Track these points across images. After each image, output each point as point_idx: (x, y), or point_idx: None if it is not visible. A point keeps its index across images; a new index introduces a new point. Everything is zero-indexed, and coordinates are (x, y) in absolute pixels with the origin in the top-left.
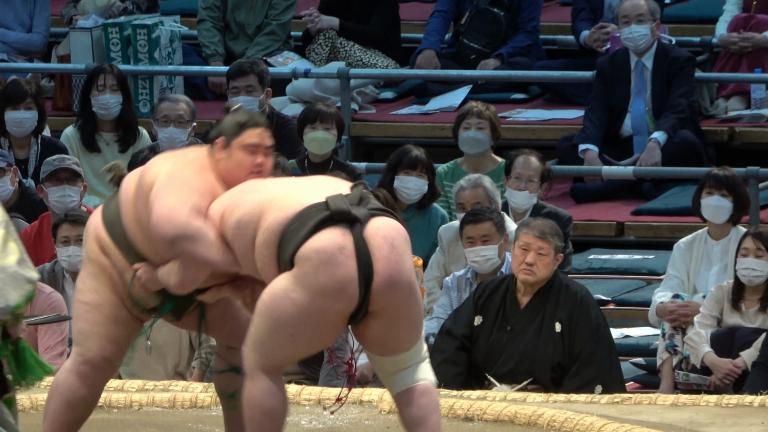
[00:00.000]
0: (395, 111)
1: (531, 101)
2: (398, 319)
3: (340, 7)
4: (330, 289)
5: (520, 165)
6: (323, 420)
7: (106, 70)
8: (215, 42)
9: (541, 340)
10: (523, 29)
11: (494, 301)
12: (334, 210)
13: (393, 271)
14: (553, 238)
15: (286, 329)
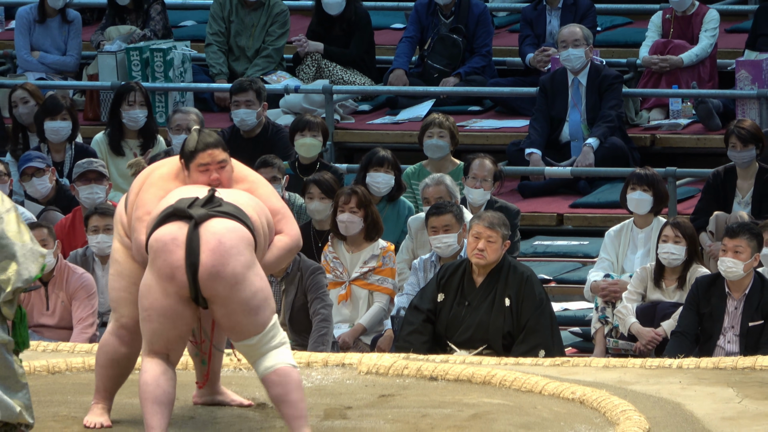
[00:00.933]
0: (371, 120)
1: (485, 113)
2: (230, 306)
3: (323, 34)
4: (163, 273)
5: (476, 167)
6: (311, 380)
7: (134, 88)
8: (220, 63)
9: (494, 313)
10: (478, 52)
11: (454, 281)
12: (175, 208)
13: (216, 263)
14: (500, 227)
15: (144, 312)
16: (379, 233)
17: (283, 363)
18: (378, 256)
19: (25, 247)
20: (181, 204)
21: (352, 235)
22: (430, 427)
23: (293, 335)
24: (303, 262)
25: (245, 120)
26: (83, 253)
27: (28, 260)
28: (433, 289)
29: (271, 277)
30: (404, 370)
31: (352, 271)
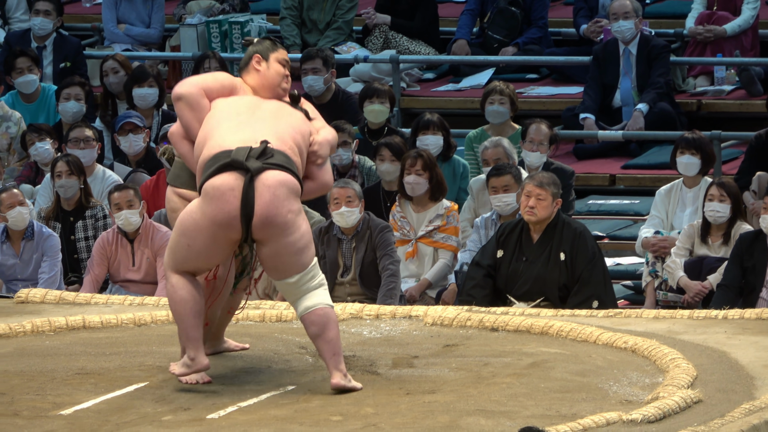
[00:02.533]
0: (435, 88)
1: (541, 80)
2: (278, 247)
3: (390, 7)
4: (218, 219)
5: (533, 131)
6: (380, 331)
7: (210, 56)
8: (294, 35)
9: (550, 267)
10: (534, 24)
11: (512, 238)
12: (233, 159)
13: (269, 214)
14: (549, 186)
15: (186, 239)
16: (443, 193)
17: (322, 303)
18: (442, 215)
19: None
20: (238, 155)
21: (418, 195)
22: (492, 375)
23: (363, 289)
24: (372, 220)
25: (313, 86)
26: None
27: None
28: (493, 246)
29: (342, 234)
30: (467, 321)
31: (418, 229)
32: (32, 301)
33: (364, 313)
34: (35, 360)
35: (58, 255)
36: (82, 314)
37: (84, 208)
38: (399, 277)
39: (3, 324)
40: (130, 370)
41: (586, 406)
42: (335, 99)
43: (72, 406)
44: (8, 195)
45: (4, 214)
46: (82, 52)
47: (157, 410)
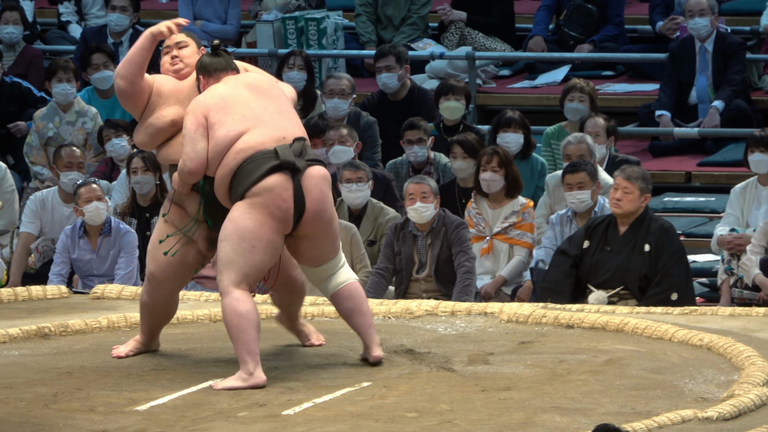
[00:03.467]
0: (511, 85)
1: (617, 77)
2: (321, 239)
3: (466, 3)
4: (277, 216)
5: (590, 125)
6: (456, 328)
7: (296, 53)
8: (369, 31)
9: (633, 257)
10: (611, 21)
11: (599, 230)
12: (283, 161)
13: (318, 209)
14: (637, 180)
15: (248, 243)
16: (519, 190)
17: (352, 278)
18: (518, 212)
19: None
20: (286, 156)
21: (493, 192)
22: (567, 372)
23: (439, 286)
24: (447, 217)
25: (387, 83)
26: None
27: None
28: (581, 237)
29: (417, 231)
30: (542, 318)
31: (493, 226)
32: (108, 296)
33: (439, 309)
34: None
35: (135, 251)
36: None
37: (160, 204)
38: (474, 274)
39: (79, 320)
40: (205, 365)
41: (662, 403)
42: (411, 96)
43: (148, 402)
44: (86, 189)
45: (82, 209)
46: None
47: (232, 406)
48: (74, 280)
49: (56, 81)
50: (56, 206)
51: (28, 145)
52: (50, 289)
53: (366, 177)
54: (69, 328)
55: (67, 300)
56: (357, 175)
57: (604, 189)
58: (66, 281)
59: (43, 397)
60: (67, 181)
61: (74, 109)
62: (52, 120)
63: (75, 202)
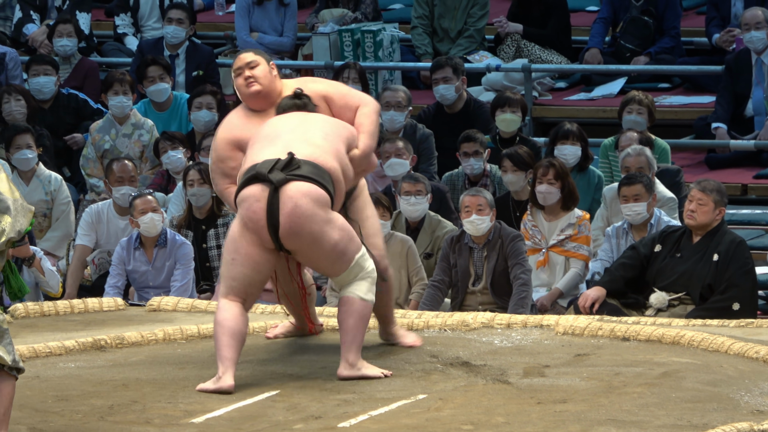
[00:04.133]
0: (567, 97)
1: (673, 89)
2: (311, 256)
3: (522, 15)
4: (250, 227)
5: (624, 140)
6: (511, 340)
7: (350, 65)
8: (425, 44)
9: (701, 264)
10: (667, 33)
11: (673, 237)
12: (258, 172)
13: (293, 225)
14: (712, 193)
15: (230, 255)
16: (575, 203)
17: (351, 293)
18: (574, 224)
19: (17, 202)
20: (262, 168)
21: (549, 204)
22: (623, 385)
23: (495, 298)
24: (503, 229)
25: (444, 95)
26: None
27: (20, 214)
28: (654, 239)
29: (473, 243)
30: (598, 331)
31: (549, 238)
32: (164, 309)
33: (495, 322)
34: (167, 368)
35: (191, 263)
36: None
37: (216, 217)
38: (530, 287)
39: (135, 332)
40: (261, 378)
41: (717, 416)
42: (467, 108)
43: (203, 414)
44: (142, 201)
45: (138, 221)
46: (214, 60)
47: (288, 418)
48: (130, 292)
49: (112, 93)
50: (111, 219)
51: (84, 157)
52: (106, 302)
53: (425, 190)
54: (125, 340)
55: (123, 312)
56: (416, 187)
57: (661, 202)
58: (122, 293)
59: (99, 409)
60: (120, 195)
61: (130, 121)
62: (109, 132)
63: (130, 213)
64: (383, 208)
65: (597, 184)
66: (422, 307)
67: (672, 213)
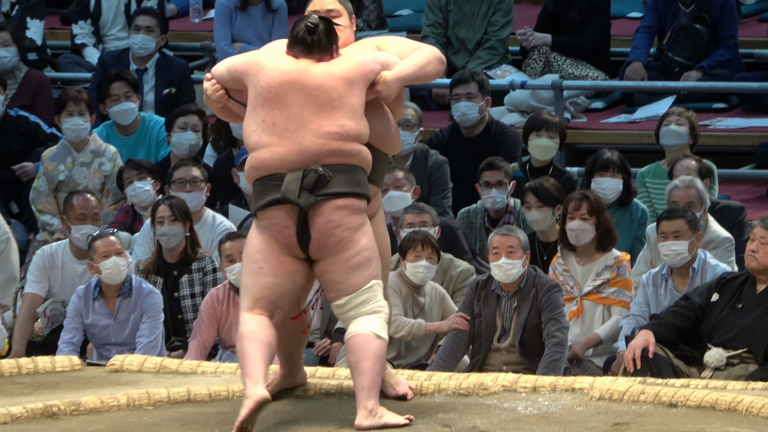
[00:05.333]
0: (605, 119)
1: (730, 110)
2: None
3: (560, 15)
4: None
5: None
6: (538, 406)
7: None
8: None
9: (767, 318)
10: (723, 44)
11: (734, 284)
12: (283, 197)
13: (322, 237)
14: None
15: (256, 264)
16: (612, 242)
17: (366, 330)
18: (612, 266)
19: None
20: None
21: (582, 244)
22: None
23: (523, 358)
24: (539, 277)
25: (466, 114)
26: None
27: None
28: (711, 288)
29: (502, 291)
30: (640, 395)
31: (583, 285)
32: (128, 369)
33: (518, 384)
34: None
35: (160, 315)
36: (186, 385)
37: (190, 260)
38: (566, 347)
39: (94, 396)
40: None
41: None
42: (488, 131)
43: None
44: (103, 243)
45: (98, 266)
46: (189, 75)
47: None
48: (88, 349)
49: (66, 115)
50: (67, 263)
51: (35, 190)
52: (60, 360)
53: (431, 221)
54: (81, 406)
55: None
56: (420, 218)
57: (715, 242)
58: (78, 351)
59: None
60: (80, 235)
61: (89, 147)
62: (64, 161)
63: (90, 257)
64: (431, 248)
65: (640, 220)
66: (436, 363)
67: (727, 256)
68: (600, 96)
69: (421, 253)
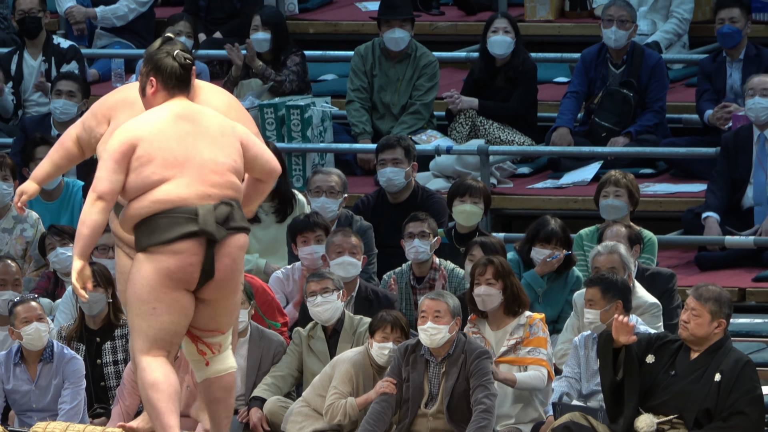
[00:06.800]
0: (531, 185)
1: (658, 176)
2: (223, 304)
3: (485, 82)
4: (177, 276)
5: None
6: None
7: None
8: (363, 121)
9: (699, 385)
10: (650, 109)
11: (669, 349)
12: (201, 230)
13: (226, 277)
14: (707, 302)
15: (148, 305)
16: (522, 307)
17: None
18: (524, 325)
19: None
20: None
21: (490, 309)
22: None
23: (450, 425)
24: (469, 343)
25: (392, 179)
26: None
27: None
28: (647, 345)
29: (431, 356)
30: None
31: (498, 348)
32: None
33: None
34: None
35: (82, 381)
36: None
37: (113, 327)
38: (494, 414)
39: None
40: None
41: None
42: (414, 197)
43: None
44: (24, 308)
45: (19, 331)
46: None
47: None
48: (10, 416)
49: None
50: None
51: None
52: None
53: (333, 285)
54: None
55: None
56: (322, 285)
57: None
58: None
59: None
60: (0, 301)
61: (11, 213)
62: None
63: (11, 323)
64: (399, 331)
65: (574, 286)
66: (363, 428)
67: (654, 321)
68: (526, 161)
69: (390, 335)
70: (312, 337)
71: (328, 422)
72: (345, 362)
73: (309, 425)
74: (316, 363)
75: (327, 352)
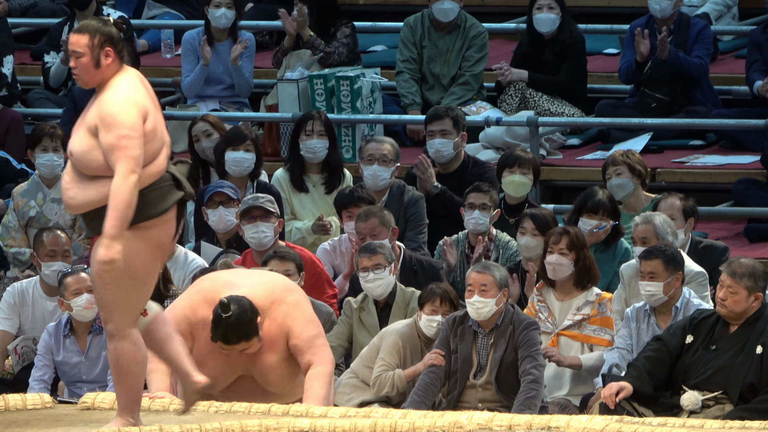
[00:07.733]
0: (581, 156)
1: (707, 147)
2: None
3: (533, 56)
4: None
5: (664, 206)
6: None
7: (314, 116)
8: (413, 92)
9: (741, 359)
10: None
11: (707, 324)
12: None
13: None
14: (743, 279)
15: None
16: (592, 281)
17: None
18: (593, 302)
19: None
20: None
21: (560, 279)
22: None
23: (499, 395)
24: (517, 314)
25: (441, 151)
26: None
27: None
28: (683, 328)
29: (479, 327)
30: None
31: (561, 320)
32: (100, 407)
33: (494, 423)
34: None
35: None
36: (158, 423)
37: (163, 297)
38: (542, 385)
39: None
40: None
41: None
42: (464, 168)
43: None
44: (74, 279)
45: (69, 303)
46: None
47: None
48: (59, 387)
49: (40, 150)
50: (38, 300)
51: (4, 226)
52: (31, 398)
53: (385, 261)
54: None
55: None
56: (374, 261)
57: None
58: (49, 388)
59: None
60: (50, 272)
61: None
62: (35, 197)
63: (60, 294)
64: (449, 304)
65: (622, 258)
66: (411, 399)
67: (701, 290)
68: (576, 133)
69: (439, 308)
70: (363, 309)
71: (376, 394)
72: (393, 334)
73: (357, 396)
74: (366, 336)
75: (377, 326)
